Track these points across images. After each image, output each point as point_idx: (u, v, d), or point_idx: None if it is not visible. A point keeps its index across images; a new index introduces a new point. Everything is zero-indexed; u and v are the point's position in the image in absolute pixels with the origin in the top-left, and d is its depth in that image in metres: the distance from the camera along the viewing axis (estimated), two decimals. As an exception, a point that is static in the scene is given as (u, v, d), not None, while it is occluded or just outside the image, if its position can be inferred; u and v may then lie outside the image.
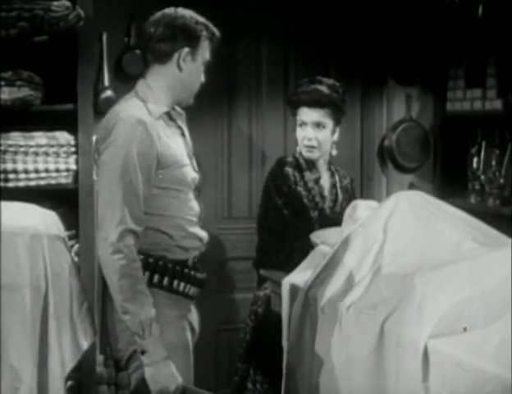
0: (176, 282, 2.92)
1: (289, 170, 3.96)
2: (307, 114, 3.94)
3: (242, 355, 3.96)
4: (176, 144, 2.94)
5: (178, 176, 2.91)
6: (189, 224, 2.98)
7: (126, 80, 4.60)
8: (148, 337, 2.75)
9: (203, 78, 3.04)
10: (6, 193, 3.59)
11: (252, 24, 4.93)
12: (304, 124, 3.96)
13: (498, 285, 2.53)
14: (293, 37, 5.04)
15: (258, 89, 5.05)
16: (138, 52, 4.61)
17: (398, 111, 5.20)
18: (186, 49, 2.93)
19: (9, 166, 3.91)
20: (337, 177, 4.08)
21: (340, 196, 4.03)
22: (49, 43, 4.03)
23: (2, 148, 3.91)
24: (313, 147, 3.95)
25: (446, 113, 5.07)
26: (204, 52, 2.99)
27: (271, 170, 4.06)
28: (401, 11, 4.97)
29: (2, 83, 3.93)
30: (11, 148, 3.91)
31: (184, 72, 2.95)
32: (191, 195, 2.99)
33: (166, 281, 2.89)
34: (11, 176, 3.92)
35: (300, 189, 3.94)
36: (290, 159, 4.01)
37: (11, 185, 3.91)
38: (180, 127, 3.02)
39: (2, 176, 3.90)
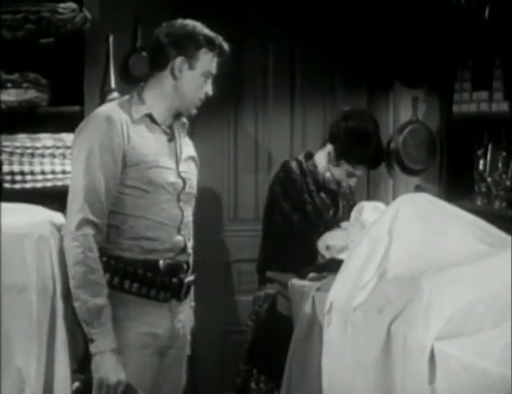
0: (127, 283, 2.90)
1: (295, 176, 3.97)
2: (361, 170, 4.04)
3: (244, 356, 3.97)
4: (152, 146, 2.94)
5: (147, 176, 2.91)
6: (157, 227, 2.94)
7: (133, 82, 4.58)
8: (97, 327, 2.78)
9: (209, 90, 3.05)
10: (13, 194, 3.60)
11: (258, 28, 4.93)
12: (352, 174, 4.02)
13: (504, 287, 2.53)
14: (299, 41, 5.04)
15: (265, 92, 5.05)
16: (144, 54, 4.61)
17: (404, 113, 5.20)
18: (181, 58, 2.96)
19: (16, 167, 3.92)
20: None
21: (340, 203, 4.07)
22: (56, 45, 4.04)
23: (9, 149, 3.91)
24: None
25: (453, 115, 5.06)
26: (205, 63, 3.00)
27: (276, 175, 4.06)
28: (407, 13, 4.96)
29: (9, 85, 3.94)
30: (18, 150, 3.92)
31: (179, 81, 2.98)
32: (167, 199, 2.96)
33: (116, 280, 2.89)
34: (18, 177, 3.92)
35: (306, 196, 3.96)
36: (294, 164, 4.02)
37: (17, 186, 3.92)
38: (167, 133, 3.02)
39: (9, 177, 3.91)
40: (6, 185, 3.88)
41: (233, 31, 4.87)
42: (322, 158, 4.02)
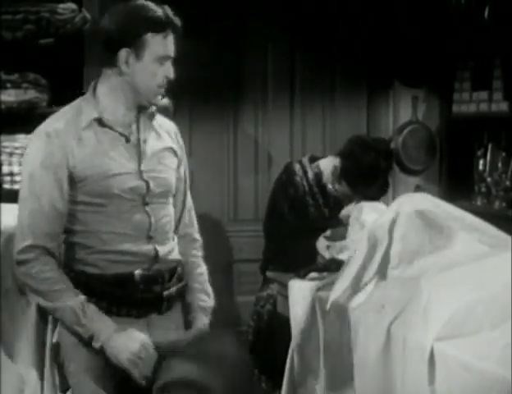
0: (95, 300, 2.66)
1: (297, 179, 3.96)
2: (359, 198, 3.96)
3: (245, 356, 3.97)
4: (102, 154, 2.68)
5: (98, 189, 2.66)
6: (121, 239, 2.69)
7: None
8: (88, 322, 2.61)
9: (169, 73, 2.68)
10: (12, 195, 3.59)
11: (258, 28, 4.93)
12: (350, 197, 3.95)
13: (504, 287, 2.53)
14: (299, 41, 5.04)
15: (264, 92, 5.06)
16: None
17: (404, 113, 5.21)
18: (125, 50, 2.64)
19: (15, 168, 3.93)
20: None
21: (344, 204, 4.08)
22: (55, 45, 4.04)
23: (9, 150, 3.92)
24: None
25: (452, 115, 5.07)
26: (155, 48, 2.64)
27: (279, 177, 4.05)
28: (407, 13, 4.96)
29: (9, 85, 3.95)
30: (17, 151, 3.92)
31: (129, 74, 2.66)
32: (130, 207, 2.70)
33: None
34: (18, 178, 3.93)
35: (308, 198, 3.96)
36: (297, 167, 4.00)
37: (17, 187, 3.92)
38: (123, 134, 2.72)
39: (9, 178, 3.91)
40: (6, 186, 3.89)
41: (233, 31, 4.90)
42: (327, 167, 3.97)
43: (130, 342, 2.61)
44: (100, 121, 2.70)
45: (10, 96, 3.95)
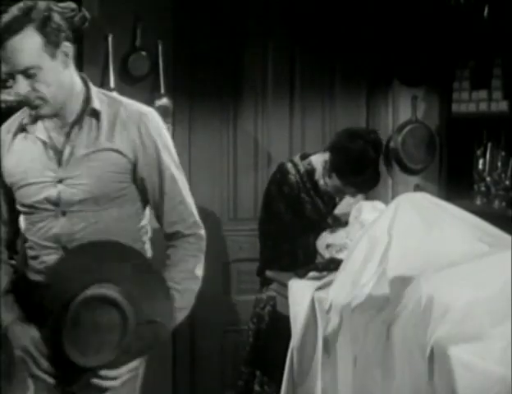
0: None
1: (291, 177, 3.96)
2: (350, 191, 3.95)
3: (246, 359, 3.95)
4: (22, 161, 2.59)
5: (19, 198, 2.61)
6: (37, 248, 2.63)
7: (132, 82, 4.61)
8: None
9: (15, 88, 2.52)
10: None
11: (258, 26, 4.93)
12: (341, 191, 3.96)
13: (504, 287, 2.53)
14: (299, 39, 5.03)
15: (264, 90, 5.05)
16: (144, 53, 4.62)
17: (403, 112, 5.20)
18: None
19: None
20: None
21: (337, 199, 4.08)
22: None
23: (8, 149, 3.91)
24: None
25: (452, 115, 5.06)
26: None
27: (273, 176, 4.06)
28: (407, 12, 4.96)
29: (9, 84, 3.94)
30: (17, 150, 3.92)
31: None
32: (46, 216, 2.59)
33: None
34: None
35: (303, 195, 3.96)
36: (289, 165, 4.01)
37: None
38: (41, 139, 2.59)
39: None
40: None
41: (233, 31, 4.89)
42: (318, 163, 3.98)
43: (21, 336, 2.55)
44: (23, 127, 2.61)
45: (9, 95, 3.94)
